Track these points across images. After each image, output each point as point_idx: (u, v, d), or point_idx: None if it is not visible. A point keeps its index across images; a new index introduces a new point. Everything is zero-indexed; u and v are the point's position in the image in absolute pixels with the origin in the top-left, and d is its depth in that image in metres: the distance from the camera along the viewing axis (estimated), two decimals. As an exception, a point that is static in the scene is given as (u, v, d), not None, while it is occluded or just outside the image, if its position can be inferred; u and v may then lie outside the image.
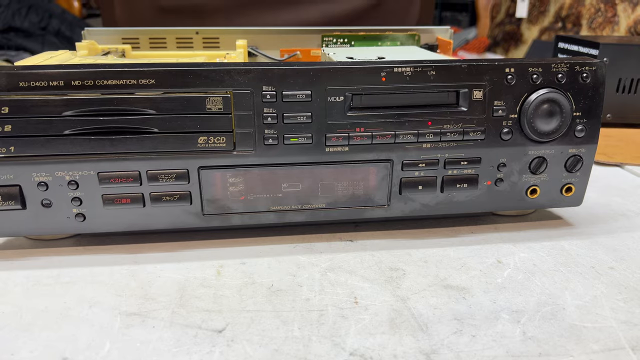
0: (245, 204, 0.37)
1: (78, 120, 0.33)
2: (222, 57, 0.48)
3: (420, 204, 0.39)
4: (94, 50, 0.49)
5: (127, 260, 0.36)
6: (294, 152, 0.36)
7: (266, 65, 0.34)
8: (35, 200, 0.35)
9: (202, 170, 0.35)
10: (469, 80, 0.36)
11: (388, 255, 0.37)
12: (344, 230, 0.41)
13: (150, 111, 0.33)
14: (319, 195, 0.37)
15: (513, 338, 0.29)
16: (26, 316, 0.30)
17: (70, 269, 0.35)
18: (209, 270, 0.35)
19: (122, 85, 0.33)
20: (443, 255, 0.37)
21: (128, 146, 0.34)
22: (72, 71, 0.32)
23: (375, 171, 0.37)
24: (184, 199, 0.36)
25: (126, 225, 0.36)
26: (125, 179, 0.35)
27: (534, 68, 0.36)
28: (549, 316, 0.30)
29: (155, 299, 0.32)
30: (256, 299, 0.32)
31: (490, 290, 0.33)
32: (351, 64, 0.35)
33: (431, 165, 0.37)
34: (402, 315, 0.30)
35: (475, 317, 0.30)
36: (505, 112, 0.36)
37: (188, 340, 0.28)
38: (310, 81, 0.34)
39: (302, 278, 0.34)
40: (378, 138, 0.36)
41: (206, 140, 0.34)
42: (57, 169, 0.34)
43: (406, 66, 0.35)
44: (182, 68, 0.33)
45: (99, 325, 0.29)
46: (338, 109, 0.35)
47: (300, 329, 0.29)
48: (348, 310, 0.31)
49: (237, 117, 0.34)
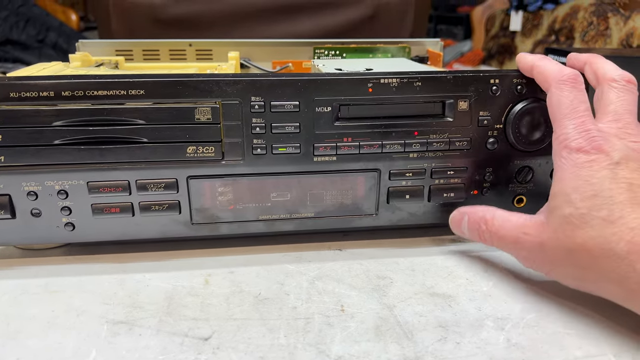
0: (234, 213, 0.37)
1: (68, 130, 0.33)
2: (214, 68, 0.49)
3: (408, 213, 0.39)
4: (87, 61, 0.50)
5: (115, 269, 0.36)
6: (283, 161, 0.36)
7: (254, 76, 0.34)
8: (25, 210, 0.35)
9: (191, 179, 0.36)
10: (454, 91, 0.36)
11: (376, 264, 0.37)
12: (333, 240, 0.41)
13: (140, 121, 0.34)
14: (307, 204, 0.38)
15: (497, 345, 0.29)
16: (13, 324, 0.30)
17: (59, 278, 0.35)
18: (197, 279, 0.35)
19: (112, 95, 0.33)
20: (430, 263, 0.38)
21: (117, 156, 0.34)
22: (62, 82, 0.32)
23: (363, 181, 0.37)
24: (173, 209, 0.36)
25: (115, 235, 0.37)
26: (114, 189, 0.35)
27: (518, 79, 0.37)
28: (533, 323, 0.31)
29: (142, 308, 0.32)
30: (243, 308, 0.32)
31: (476, 298, 0.33)
32: (338, 75, 0.35)
33: (418, 174, 0.38)
34: (387, 322, 0.31)
35: (460, 324, 0.31)
36: (490, 122, 0.37)
37: (174, 348, 0.28)
38: (298, 92, 0.35)
39: (290, 287, 0.34)
40: (365, 148, 0.36)
41: (195, 150, 0.35)
42: (46, 178, 0.34)
43: (393, 77, 0.36)
44: (171, 79, 0.33)
45: (86, 334, 0.29)
46: (326, 119, 0.36)
47: (286, 337, 0.29)
48: (334, 318, 0.31)
49: (225, 127, 0.35)
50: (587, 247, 0.28)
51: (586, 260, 0.28)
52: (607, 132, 0.30)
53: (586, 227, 0.28)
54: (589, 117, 0.31)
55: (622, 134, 0.30)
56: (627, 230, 0.27)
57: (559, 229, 0.29)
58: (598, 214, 0.28)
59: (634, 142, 0.29)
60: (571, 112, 0.31)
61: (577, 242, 0.29)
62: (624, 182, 0.28)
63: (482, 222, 0.35)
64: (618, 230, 0.27)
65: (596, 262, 0.28)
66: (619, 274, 0.27)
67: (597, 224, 0.28)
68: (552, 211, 0.30)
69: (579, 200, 0.29)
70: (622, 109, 0.31)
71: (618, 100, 0.31)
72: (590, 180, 0.29)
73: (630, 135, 0.30)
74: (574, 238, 0.29)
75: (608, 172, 0.28)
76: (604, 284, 0.29)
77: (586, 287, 0.30)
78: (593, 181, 0.28)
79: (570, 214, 0.29)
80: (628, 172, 0.28)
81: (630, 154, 0.29)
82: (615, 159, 0.29)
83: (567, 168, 0.30)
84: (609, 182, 0.28)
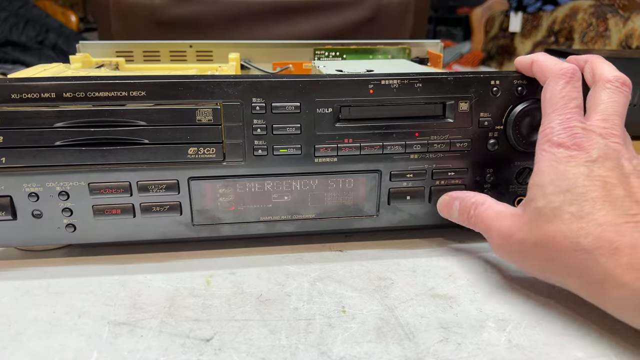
0: (235, 214, 0.37)
1: (69, 132, 0.33)
2: (214, 70, 0.49)
3: (409, 214, 0.39)
4: (88, 63, 0.50)
5: (117, 271, 0.36)
6: (284, 162, 0.36)
7: (255, 78, 0.34)
8: (26, 211, 0.35)
9: (192, 180, 0.36)
10: (455, 93, 0.36)
11: (377, 265, 0.37)
12: (334, 241, 0.41)
13: (141, 122, 0.34)
14: (308, 205, 0.38)
15: (498, 346, 0.29)
16: (15, 326, 0.30)
17: (60, 279, 0.35)
18: (198, 280, 0.35)
19: (113, 97, 0.33)
20: (431, 264, 0.38)
21: (119, 157, 0.34)
22: (63, 83, 0.33)
23: (363, 182, 0.38)
24: (174, 210, 0.36)
25: (116, 236, 0.37)
26: (115, 190, 0.35)
27: (518, 80, 0.37)
28: (534, 324, 0.31)
29: (144, 309, 0.32)
30: (244, 309, 0.32)
31: (477, 299, 0.33)
32: (339, 77, 0.36)
33: (419, 175, 0.38)
34: (389, 323, 0.31)
35: (461, 325, 0.31)
36: (491, 123, 0.37)
37: (176, 349, 0.28)
38: (300, 93, 0.35)
39: (291, 288, 0.35)
40: (366, 149, 0.36)
41: (196, 151, 0.35)
42: (48, 179, 0.34)
43: (393, 79, 0.36)
44: (172, 80, 0.34)
45: (87, 335, 0.29)
46: (327, 120, 0.36)
47: (287, 338, 0.29)
48: (336, 319, 0.31)
49: (226, 128, 0.35)
50: (556, 240, 0.29)
51: (553, 253, 0.29)
52: (591, 130, 0.30)
53: (556, 221, 0.29)
54: (577, 115, 0.31)
55: (607, 134, 0.30)
56: (595, 225, 0.27)
57: (531, 221, 0.30)
58: (569, 209, 0.29)
59: (615, 143, 0.30)
60: (561, 107, 0.31)
61: (546, 235, 0.29)
62: (599, 180, 0.29)
63: (473, 207, 0.35)
64: (586, 225, 0.28)
65: (561, 255, 0.29)
66: (583, 267, 0.28)
67: (567, 218, 0.28)
68: (527, 203, 0.31)
69: (552, 194, 0.29)
70: (612, 109, 0.31)
71: (609, 100, 0.32)
72: (566, 175, 0.29)
73: (614, 135, 0.30)
74: (544, 230, 0.29)
75: (584, 168, 0.29)
76: (568, 277, 0.29)
77: (551, 279, 0.31)
78: (569, 176, 0.29)
79: (543, 206, 0.30)
80: (604, 170, 0.29)
81: (609, 152, 0.29)
82: (594, 156, 0.29)
83: (546, 161, 0.31)
84: (583, 178, 0.29)
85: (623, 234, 0.27)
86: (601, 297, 0.28)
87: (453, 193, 0.38)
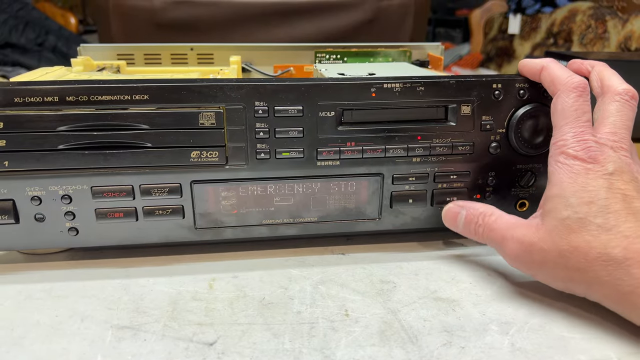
0: (238, 217, 0.37)
1: (72, 135, 0.33)
2: (216, 72, 0.49)
3: (411, 217, 0.39)
4: (89, 66, 0.50)
5: (119, 274, 0.36)
6: (286, 166, 0.36)
7: (258, 81, 0.35)
8: (29, 215, 0.35)
9: (194, 184, 0.36)
10: (457, 96, 0.36)
11: (379, 268, 0.37)
12: (336, 244, 0.41)
13: (144, 126, 0.34)
14: (310, 208, 0.38)
15: (501, 349, 0.29)
16: (17, 330, 0.30)
17: (63, 282, 0.35)
18: (201, 284, 0.35)
19: (116, 100, 0.33)
20: (434, 268, 0.38)
21: (121, 161, 0.34)
22: (66, 87, 0.33)
23: (366, 185, 0.38)
24: (176, 213, 0.36)
25: (119, 239, 0.37)
26: (118, 193, 0.35)
27: (520, 84, 0.37)
28: (537, 328, 0.31)
29: (147, 313, 0.32)
30: (247, 312, 0.32)
31: (480, 303, 0.33)
32: (342, 80, 0.36)
33: (421, 179, 0.38)
34: (392, 327, 0.31)
35: (464, 329, 0.31)
36: (493, 126, 0.37)
37: (179, 353, 0.28)
38: (302, 96, 0.35)
39: (294, 291, 0.35)
40: (368, 152, 0.36)
41: (199, 155, 0.35)
42: (50, 183, 0.34)
43: (396, 82, 0.36)
44: (175, 84, 0.34)
45: (91, 339, 0.29)
46: (329, 123, 0.36)
47: (291, 342, 0.29)
48: (339, 322, 0.31)
49: (229, 132, 0.35)
50: (583, 251, 0.29)
51: (580, 263, 0.29)
52: (602, 143, 0.31)
53: (582, 231, 0.29)
54: (588, 128, 0.32)
55: (617, 147, 0.31)
56: (622, 237, 0.28)
57: (554, 231, 0.30)
58: (595, 220, 0.29)
59: (625, 157, 0.31)
60: (573, 121, 0.32)
61: (572, 245, 0.29)
62: (619, 193, 0.29)
63: (481, 218, 0.35)
64: (614, 237, 0.28)
65: (590, 265, 0.29)
66: (613, 278, 0.28)
67: (594, 230, 0.29)
68: (548, 213, 0.31)
69: (577, 205, 0.30)
70: (621, 122, 0.32)
71: (618, 114, 0.32)
72: (586, 187, 0.30)
73: (623, 149, 0.31)
74: (570, 241, 0.30)
75: (604, 181, 0.30)
76: (596, 287, 0.30)
77: (574, 289, 0.31)
78: (589, 188, 0.30)
79: (568, 217, 0.30)
80: (622, 183, 0.30)
81: (623, 166, 0.30)
82: (609, 169, 0.30)
83: (565, 173, 0.31)
84: (605, 191, 0.29)
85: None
86: (631, 307, 0.29)
87: (459, 201, 0.38)
